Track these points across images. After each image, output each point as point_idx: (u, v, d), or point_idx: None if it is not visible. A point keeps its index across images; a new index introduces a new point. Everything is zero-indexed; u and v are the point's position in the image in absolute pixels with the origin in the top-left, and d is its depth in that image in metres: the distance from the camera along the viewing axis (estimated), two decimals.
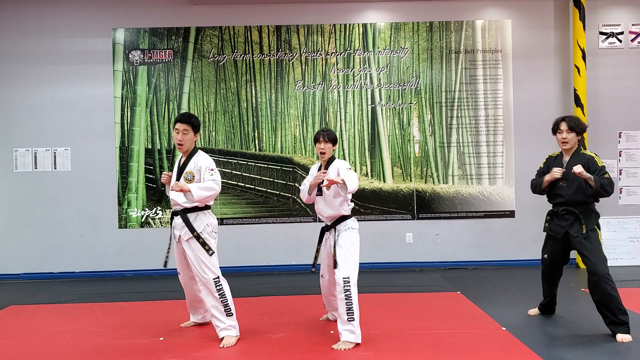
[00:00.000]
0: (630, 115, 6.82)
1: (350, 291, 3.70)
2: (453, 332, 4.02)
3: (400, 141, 6.80)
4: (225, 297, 3.90)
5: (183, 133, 3.91)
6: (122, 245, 6.65)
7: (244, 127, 6.77)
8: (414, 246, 6.79)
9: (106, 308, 5.04)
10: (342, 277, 3.72)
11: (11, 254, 6.66)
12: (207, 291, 3.91)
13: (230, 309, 3.91)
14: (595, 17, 6.79)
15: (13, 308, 5.15)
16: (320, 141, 4.00)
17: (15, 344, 4.00)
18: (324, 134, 3.99)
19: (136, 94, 6.70)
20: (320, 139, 3.99)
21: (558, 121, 4.08)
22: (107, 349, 3.83)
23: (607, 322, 3.84)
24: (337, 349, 3.67)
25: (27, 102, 6.66)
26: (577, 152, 4.07)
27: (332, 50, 6.77)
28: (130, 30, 6.70)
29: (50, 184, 6.66)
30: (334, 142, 4.03)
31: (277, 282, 6.11)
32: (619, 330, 3.77)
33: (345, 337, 3.71)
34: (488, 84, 6.81)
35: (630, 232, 6.73)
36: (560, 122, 4.05)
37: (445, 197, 6.77)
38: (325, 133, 4.00)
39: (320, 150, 4.01)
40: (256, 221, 6.75)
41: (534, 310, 4.53)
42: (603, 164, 3.98)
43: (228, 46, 6.75)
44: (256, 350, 3.72)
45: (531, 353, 3.53)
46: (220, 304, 3.88)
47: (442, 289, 5.54)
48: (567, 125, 4.00)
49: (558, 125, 4.06)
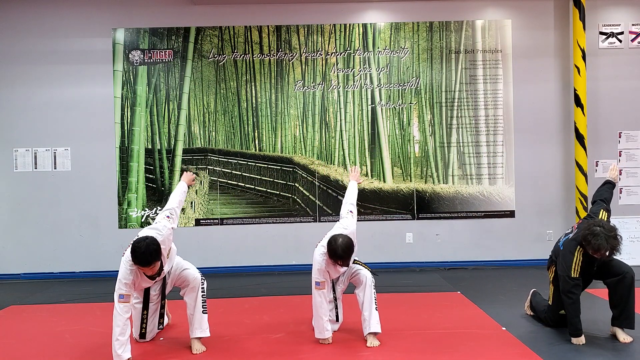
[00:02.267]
0: (630, 115, 6.82)
1: (374, 288, 3.88)
2: (453, 332, 4.02)
3: (400, 141, 6.80)
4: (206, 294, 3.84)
5: (152, 269, 3.52)
6: (122, 245, 6.61)
7: (244, 127, 6.77)
8: (414, 246, 6.79)
9: (106, 308, 5.02)
10: (370, 276, 3.89)
11: (11, 254, 6.66)
12: (193, 293, 3.79)
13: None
14: (595, 17, 6.79)
15: (13, 308, 5.15)
16: (337, 264, 3.74)
17: (15, 344, 4.00)
18: (342, 261, 3.68)
19: (136, 94, 6.70)
20: (339, 262, 3.70)
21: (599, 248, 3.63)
22: (107, 349, 3.82)
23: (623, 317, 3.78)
24: (373, 345, 3.75)
25: (27, 102, 6.66)
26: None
27: (332, 50, 6.77)
28: (130, 30, 6.70)
29: (50, 184, 6.66)
30: (348, 263, 3.80)
31: (277, 282, 6.11)
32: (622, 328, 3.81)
33: (377, 328, 3.79)
34: (488, 84, 6.81)
35: (630, 232, 6.72)
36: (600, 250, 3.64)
37: (445, 197, 6.77)
38: (343, 259, 3.68)
39: (335, 273, 3.92)
40: (256, 221, 6.75)
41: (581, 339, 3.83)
42: None
43: (228, 46, 6.75)
44: (256, 350, 3.72)
45: (531, 353, 3.53)
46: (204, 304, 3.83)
47: (442, 289, 5.54)
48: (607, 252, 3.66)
49: (599, 250, 3.64)
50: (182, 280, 3.87)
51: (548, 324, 4.12)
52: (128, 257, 3.49)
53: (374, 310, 3.82)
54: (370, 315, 3.81)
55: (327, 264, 3.79)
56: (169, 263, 3.79)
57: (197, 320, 3.75)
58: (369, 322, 3.80)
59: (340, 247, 3.63)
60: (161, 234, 3.61)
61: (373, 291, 3.86)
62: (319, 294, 3.79)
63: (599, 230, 3.61)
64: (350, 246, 3.68)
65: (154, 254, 3.41)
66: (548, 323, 4.12)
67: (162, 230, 3.66)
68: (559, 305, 3.93)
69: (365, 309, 3.84)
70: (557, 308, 3.99)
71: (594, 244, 3.58)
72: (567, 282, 3.72)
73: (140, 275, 3.59)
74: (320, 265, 3.80)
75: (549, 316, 4.09)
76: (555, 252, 4.04)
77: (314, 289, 3.81)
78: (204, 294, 3.81)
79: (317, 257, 3.84)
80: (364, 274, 3.91)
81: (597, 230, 3.61)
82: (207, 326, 3.78)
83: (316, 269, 3.82)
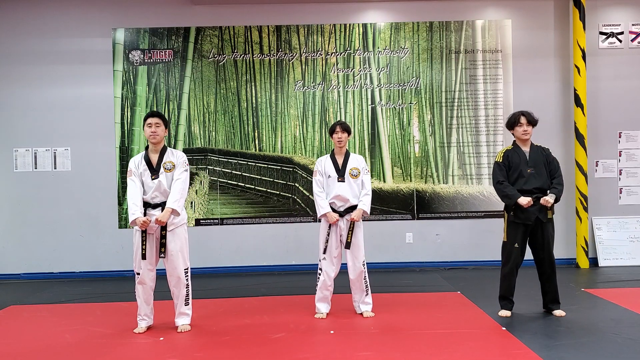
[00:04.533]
0: (630, 115, 6.82)
1: (366, 272, 4.51)
2: (453, 332, 4.02)
3: (400, 141, 6.80)
4: (189, 286, 4.26)
5: (156, 126, 4.19)
6: (122, 245, 6.65)
7: (244, 127, 6.77)
8: (414, 246, 6.79)
9: (106, 308, 5.04)
10: (362, 262, 4.46)
11: (11, 254, 6.66)
12: (180, 283, 4.19)
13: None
14: (595, 17, 6.79)
15: (13, 308, 5.15)
16: (337, 131, 4.48)
17: (15, 344, 4.00)
18: (340, 125, 4.49)
19: (136, 94, 6.70)
20: (337, 129, 4.48)
21: (517, 115, 4.43)
22: (107, 349, 3.83)
23: (549, 299, 4.48)
24: (368, 316, 4.47)
25: (27, 102, 6.66)
26: (532, 144, 4.48)
27: (332, 50, 6.77)
28: (130, 30, 6.70)
29: (50, 184, 6.66)
30: (349, 132, 4.53)
31: (277, 282, 6.11)
32: (555, 307, 4.45)
33: (367, 308, 4.52)
34: (488, 84, 6.81)
35: (630, 232, 6.72)
36: (520, 117, 4.41)
37: (445, 197, 6.77)
38: (341, 124, 4.50)
39: (337, 139, 4.49)
40: (256, 221, 6.75)
41: (506, 312, 4.47)
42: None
43: (228, 46, 6.75)
44: (256, 350, 3.72)
45: (531, 353, 3.53)
46: (187, 293, 4.25)
47: (442, 289, 5.54)
48: (526, 119, 4.39)
49: (518, 119, 4.41)
50: (171, 269, 4.19)
51: (503, 272, 4.52)
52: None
53: (364, 298, 4.55)
54: (363, 301, 4.56)
55: (326, 157, 4.57)
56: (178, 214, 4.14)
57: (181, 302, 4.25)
58: (361, 308, 4.55)
59: (336, 121, 4.58)
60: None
61: (362, 276, 4.50)
62: (314, 181, 4.52)
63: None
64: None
65: (161, 114, 4.28)
66: (503, 268, 4.53)
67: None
68: (509, 238, 4.45)
69: (358, 294, 4.56)
70: (508, 241, 4.46)
71: (510, 119, 4.47)
72: (494, 170, 4.49)
73: (144, 166, 4.17)
74: (317, 163, 4.58)
75: (502, 254, 4.54)
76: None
77: (313, 180, 4.55)
78: (187, 289, 4.28)
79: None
80: (360, 258, 4.48)
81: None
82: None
83: (315, 170, 4.57)
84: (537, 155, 4.41)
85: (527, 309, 4.63)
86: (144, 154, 4.24)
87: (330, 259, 4.47)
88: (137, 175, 4.15)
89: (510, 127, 4.48)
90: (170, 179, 4.16)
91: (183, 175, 4.16)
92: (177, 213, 4.08)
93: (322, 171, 4.52)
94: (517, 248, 4.41)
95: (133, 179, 4.14)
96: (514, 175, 4.39)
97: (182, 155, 4.27)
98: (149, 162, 4.19)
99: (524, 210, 4.32)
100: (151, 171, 4.16)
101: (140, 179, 4.15)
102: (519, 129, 4.40)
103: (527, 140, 4.44)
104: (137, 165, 4.19)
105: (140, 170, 4.17)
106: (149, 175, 4.15)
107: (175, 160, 4.20)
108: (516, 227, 4.40)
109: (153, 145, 4.22)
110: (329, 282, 4.49)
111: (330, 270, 4.47)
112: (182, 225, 4.21)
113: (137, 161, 4.21)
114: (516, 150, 4.44)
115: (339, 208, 4.47)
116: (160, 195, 4.14)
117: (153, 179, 4.13)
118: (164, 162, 4.18)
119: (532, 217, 4.33)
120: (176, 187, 4.11)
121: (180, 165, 4.20)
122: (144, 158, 4.21)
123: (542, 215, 4.34)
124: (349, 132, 4.53)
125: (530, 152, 4.42)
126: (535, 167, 4.37)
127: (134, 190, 4.11)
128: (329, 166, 4.51)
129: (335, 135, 4.50)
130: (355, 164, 4.51)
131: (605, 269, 6.49)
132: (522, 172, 4.36)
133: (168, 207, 4.04)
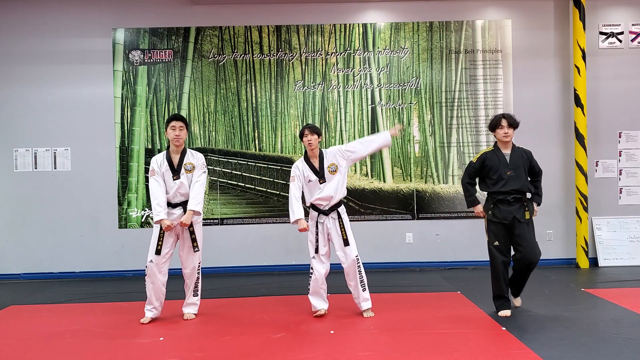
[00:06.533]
0: (630, 115, 6.82)
1: (361, 266, 4.50)
2: (453, 332, 4.02)
3: (400, 141, 6.80)
4: (199, 279, 4.58)
5: (179, 129, 4.37)
6: (122, 245, 6.65)
7: (244, 127, 6.77)
8: (414, 246, 6.79)
9: (106, 308, 5.04)
10: (354, 255, 4.46)
11: (11, 254, 6.66)
12: (194, 274, 4.50)
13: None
14: (595, 17, 6.79)
15: (13, 308, 5.15)
16: (306, 134, 4.49)
17: (15, 344, 4.00)
18: (308, 128, 4.50)
19: (136, 94, 6.70)
20: (306, 132, 4.49)
21: (499, 118, 4.47)
22: (107, 349, 3.83)
23: (514, 291, 4.62)
24: (368, 316, 4.47)
25: (27, 102, 6.66)
26: (514, 146, 4.51)
27: (332, 50, 6.77)
28: (130, 30, 6.70)
29: (50, 184, 6.66)
30: (319, 134, 4.53)
31: (277, 282, 6.11)
32: (515, 296, 4.66)
33: (366, 306, 4.50)
34: (488, 84, 6.81)
35: (630, 232, 6.72)
36: (501, 119, 4.43)
37: (445, 197, 6.77)
38: (309, 127, 4.52)
39: (308, 142, 4.48)
40: (256, 221, 6.75)
41: (506, 312, 4.46)
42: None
43: (228, 46, 6.75)
44: (256, 350, 3.72)
45: (531, 353, 3.53)
46: (197, 285, 4.55)
47: (442, 289, 5.54)
48: (507, 121, 4.41)
49: (499, 122, 4.44)
50: (185, 258, 4.48)
51: (491, 271, 4.54)
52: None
53: (361, 293, 4.51)
54: (361, 297, 4.51)
55: (301, 161, 4.55)
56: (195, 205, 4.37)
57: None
58: (361, 304, 4.53)
59: (305, 125, 4.68)
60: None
61: (357, 271, 4.48)
62: (292, 185, 4.50)
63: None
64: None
65: (184, 117, 4.48)
66: (491, 268, 4.53)
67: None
68: (489, 237, 4.50)
69: (355, 290, 4.53)
70: (489, 240, 4.50)
71: (492, 121, 4.51)
72: (467, 168, 4.63)
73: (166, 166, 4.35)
74: (295, 168, 4.55)
75: (489, 251, 4.52)
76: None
77: (291, 185, 4.53)
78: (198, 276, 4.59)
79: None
80: (351, 254, 4.46)
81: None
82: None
83: (292, 175, 4.55)
84: (518, 157, 4.44)
85: (527, 309, 4.63)
86: (166, 154, 4.39)
87: (319, 257, 4.53)
88: (160, 174, 4.32)
89: (492, 129, 4.51)
90: (191, 180, 4.37)
91: (202, 178, 4.42)
92: (198, 214, 4.35)
93: (301, 176, 4.52)
94: (497, 246, 4.45)
95: (156, 179, 4.32)
96: (493, 177, 4.43)
97: (201, 157, 4.51)
98: (171, 162, 4.36)
99: (501, 210, 4.39)
100: (172, 172, 4.35)
101: (162, 179, 4.32)
102: (500, 132, 4.43)
103: (508, 143, 4.47)
104: (159, 165, 4.35)
105: (163, 170, 4.34)
106: (170, 176, 4.35)
107: (194, 162, 4.42)
108: (495, 225, 4.45)
109: (175, 147, 4.39)
110: (320, 281, 4.52)
111: (320, 267, 4.51)
112: (199, 222, 4.50)
113: (160, 161, 4.36)
114: (496, 153, 4.48)
115: (324, 207, 4.51)
116: (181, 195, 4.36)
117: (175, 179, 4.34)
118: (185, 163, 4.38)
119: (509, 217, 4.38)
120: (196, 189, 4.34)
121: (199, 167, 4.43)
122: (165, 158, 4.36)
123: (520, 215, 4.37)
124: (319, 134, 4.54)
125: (511, 154, 4.45)
126: (515, 170, 4.40)
127: (157, 190, 4.30)
128: (307, 171, 4.51)
129: (305, 139, 4.50)
130: (331, 160, 4.52)
131: (605, 269, 6.49)
132: (501, 174, 4.40)
133: (190, 209, 4.31)
